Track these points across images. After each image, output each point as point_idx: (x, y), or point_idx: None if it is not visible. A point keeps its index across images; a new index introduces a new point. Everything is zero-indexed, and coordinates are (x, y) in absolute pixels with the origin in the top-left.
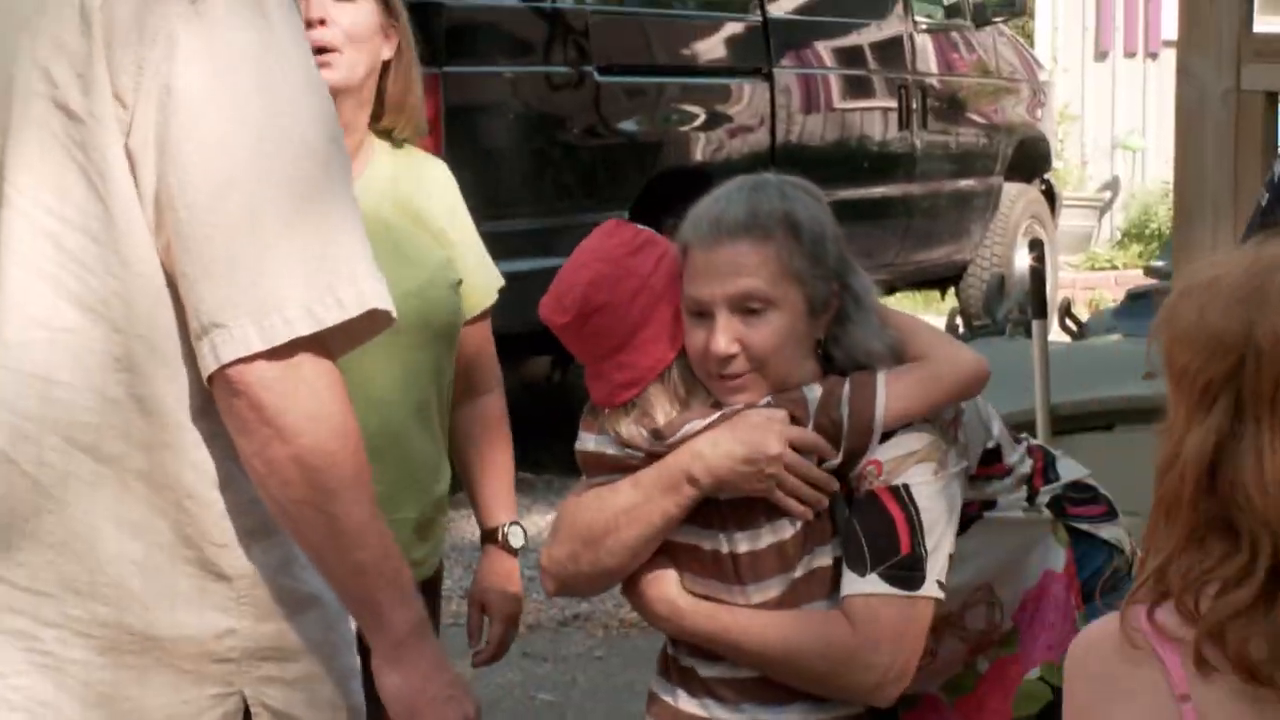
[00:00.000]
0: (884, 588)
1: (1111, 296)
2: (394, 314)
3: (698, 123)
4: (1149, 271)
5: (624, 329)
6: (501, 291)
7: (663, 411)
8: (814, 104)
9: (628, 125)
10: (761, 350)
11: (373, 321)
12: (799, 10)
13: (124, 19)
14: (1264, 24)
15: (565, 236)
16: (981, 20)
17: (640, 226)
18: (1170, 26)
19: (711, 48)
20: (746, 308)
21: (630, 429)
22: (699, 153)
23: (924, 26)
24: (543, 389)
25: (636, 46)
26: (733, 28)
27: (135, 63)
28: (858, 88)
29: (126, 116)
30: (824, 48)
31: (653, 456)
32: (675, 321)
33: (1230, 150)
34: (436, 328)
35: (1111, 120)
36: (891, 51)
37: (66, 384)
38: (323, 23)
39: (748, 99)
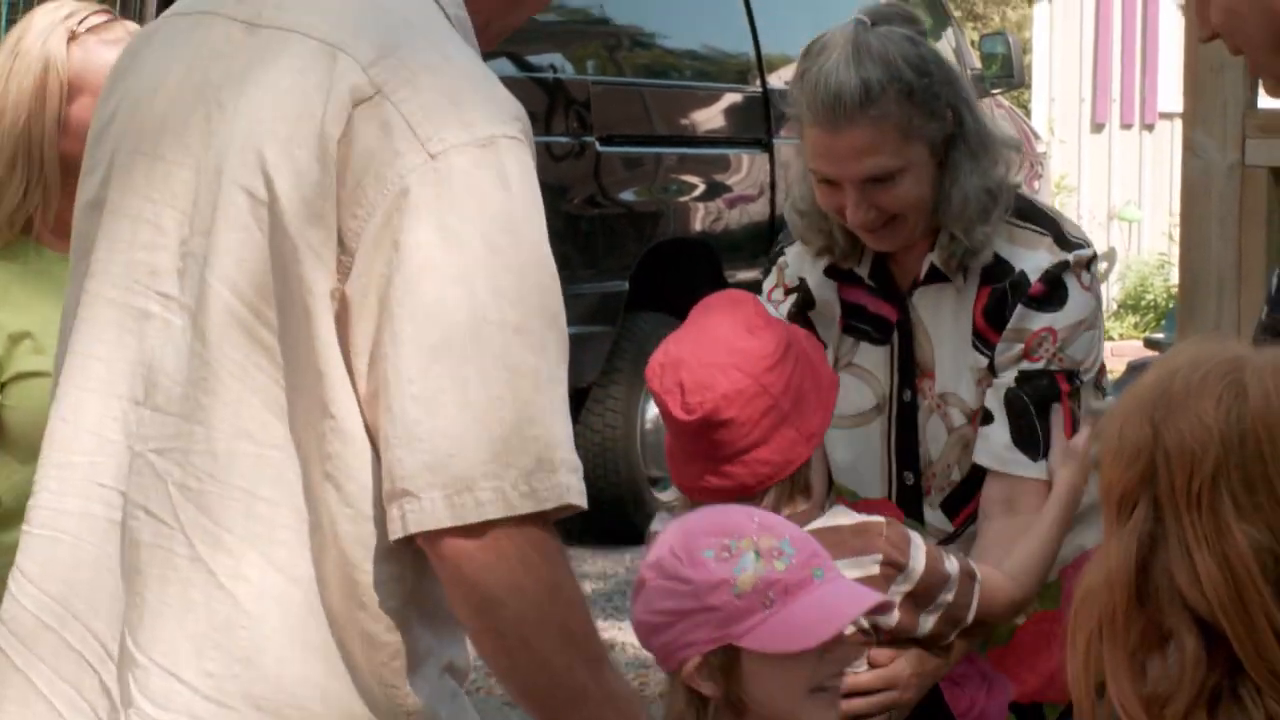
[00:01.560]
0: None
1: (1109, 367)
2: (585, 505)
3: (698, 193)
4: (1149, 343)
5: (741, 446)
6: None
7: None
8: None
9: (628, 195)
10: (899, 207)
11: (564, 511)
12: None
13: (361, 159)
14: (1268, 100)
15: (566, 306)
16: (980, 92)
17: (776, 318)
18: (1167, 98)
19: (712, 118)
20: (876, 179)
21: None
22: (699, 223)
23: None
24: None
25: (637, 117)
26: (733, 98)
27: (366, 208)
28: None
29: (349, 260)
30: None
31: None
32: (791, 447)
33: (1235, 225)
34: None
35: (1108, 191)
36: None
37: (269, 500)
38: None
39: (748, 169)
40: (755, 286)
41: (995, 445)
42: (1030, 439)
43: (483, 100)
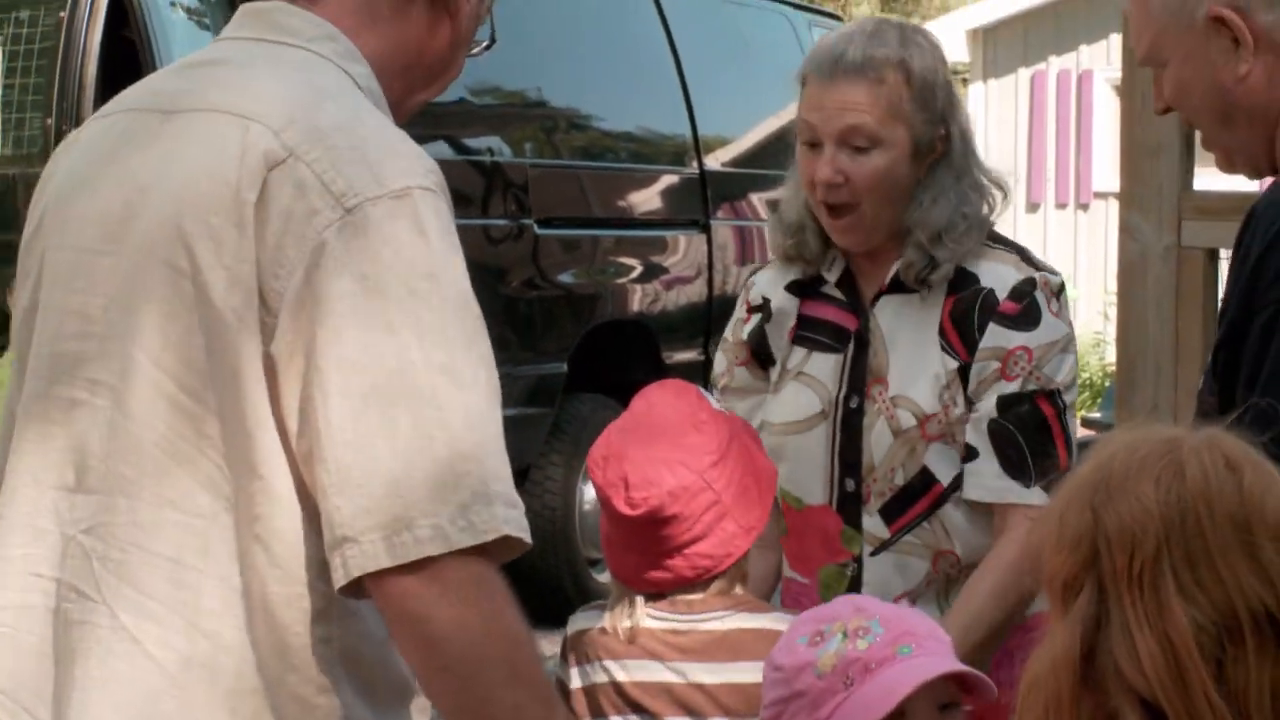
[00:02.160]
0: (1045, 501)
1: None
2: (529, 541)
3: (636, 274)
4: (1085, 422)
5: (682, 540)
6: None
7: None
8: (750, 255)
9: (566, 277)
10: (863, 184)
11: (505, 546)
12: (735, 163)
13: (278, 220)
14: (1204, 181)
15: (503, 389)
16: None
17: (720, 410)
18: (1102, 178)
19: (649, 200)
20: (854, 144)
21: (627, 618)
22: (637, 305)
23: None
24: None
25: (575, 199)
26: (670, 180)
27: (287, 268)
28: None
29: (273, 321)
30: (760, 199)
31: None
32: (731, 540)
33: (1171, 306)
34: None
35: None
36: None
37: (194, 569)
38: None
39: (685, 251)
40: (694, 368)
41: (985, 478)
42: (1020, 466)
43: (394, 154)
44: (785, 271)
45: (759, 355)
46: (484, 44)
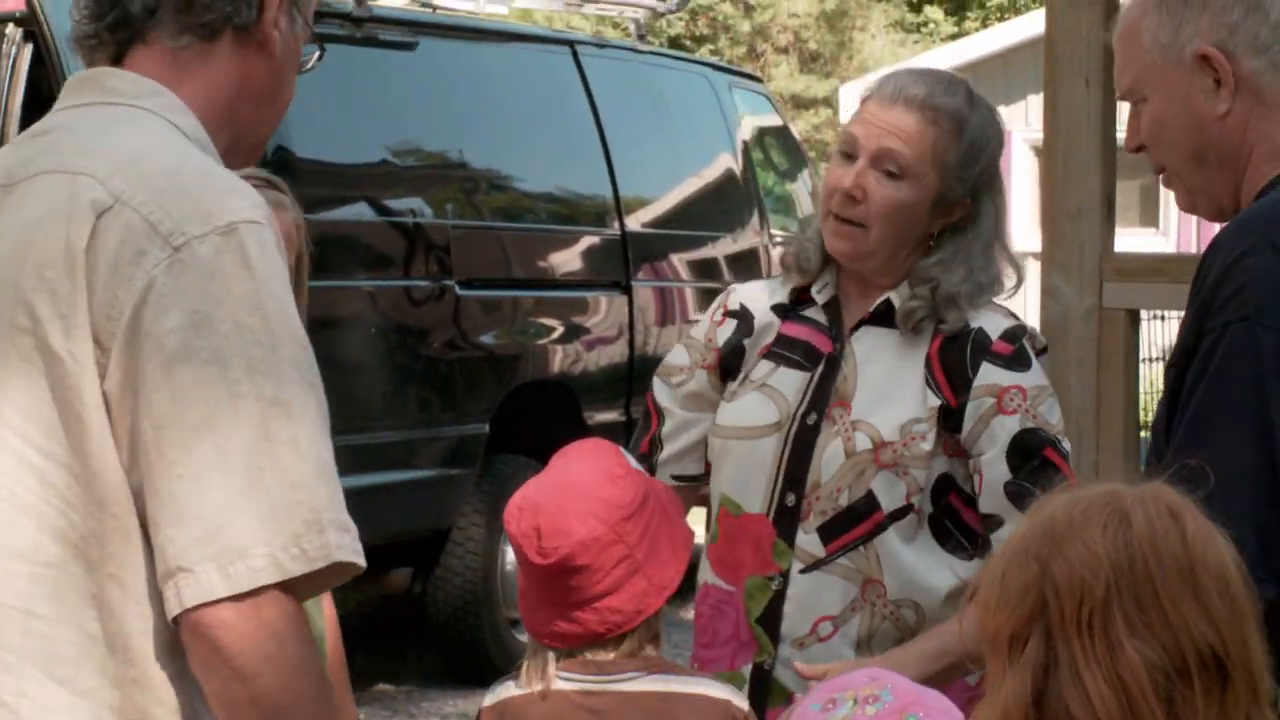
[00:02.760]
0: None
1: None
2: (362, 564)
3: (557, 335)
4: None
5: (593, 593)
6: (365, 503)
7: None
8: (670, 315)
9: (488, 338)
10: (879, 207)
11: (340, 570)
12: (657, 224)
13: (106, 263)
14: (1124, 244)
15: (425, 449)
16: None
17: (637, 468)
18: (1021, 238)
19: (571, 261)
20: (885, 168)
21: (539, 679)
22: (559, 365)
23: (779, 239)
24: (402, 601)
25: (497, 260)
26: (591, 241)
27: (117, 309)
28: (715, 299)
29: (105, 360)
30: (681, 260)
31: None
32: (642, 596)
33: (1093, 367)
34: None
35: None
36: (748, 263)
37: (46, 617)
38: None
39: (606, 311)
40: (615, 428)
41: None
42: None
43: (219, 192)
44: (771, 287)
45: (725, 365)
46: (315, 57)
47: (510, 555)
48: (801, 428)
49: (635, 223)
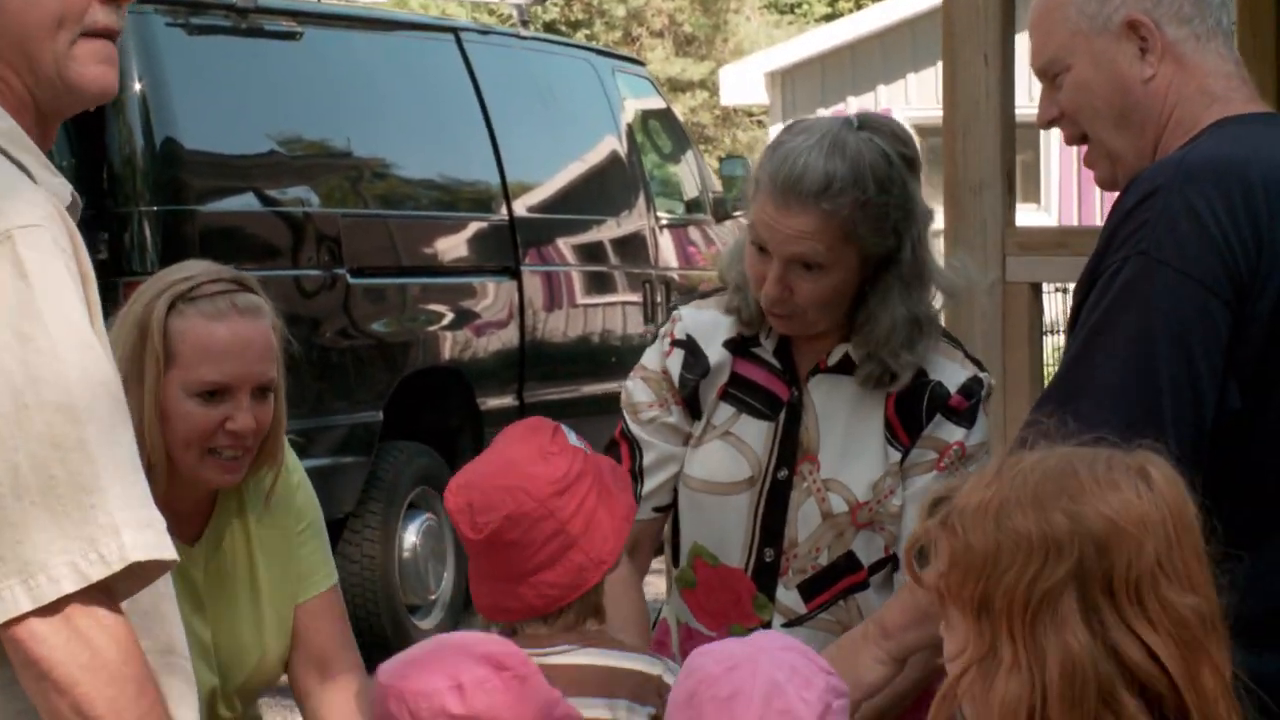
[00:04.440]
0: None
1: None
2: (167, 558)
3: (448, 321)
4: None
5: (527, 568)
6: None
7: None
8: (560, 300)
9: (380, 326)
10: (810, 300)
11: (147, 568)
12: (544, 209)
13: None
14: (1025, 218)
15: (319, 438)
16: (722, 215)
17: (575, 444)
18: None
19: (460, 247)
20: (804, 264)
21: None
22: (450, 351)
23: (665, 222)
24: None
25: (387, 248)
26: (480, 227)
27: None
28: (603, 283)
29: None
30: (569, 245)
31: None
32: (579, 572)
33: (998, 339)
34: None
35: None
36: (635, 246)
37: None
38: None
39: (495, 297)
40: (508, 413)
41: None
42: None
43: None
44: (719, 323)
45: (690, 404)
46: None
47: (407, 541)
48: (774, 483)
49: (523, 208)
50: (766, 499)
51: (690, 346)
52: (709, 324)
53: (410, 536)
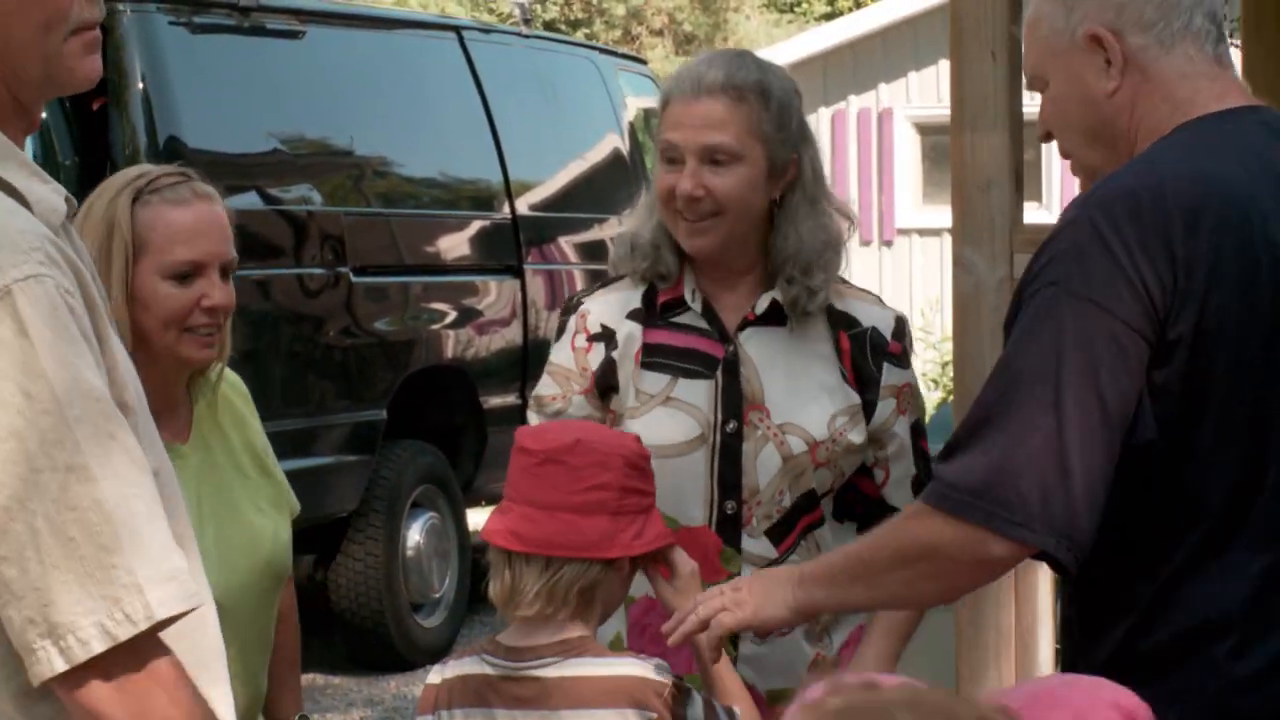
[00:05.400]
0: None
1: None
2: (192, 606)
3: (452, 320)
4: None
5: (562, 500)
6: None
7: (524, 602)
8: (563, 298)
9: (384, 325)
10: (724, 196)
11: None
12: (545, 207)
13: None
14: (1034, 215)
15: (323, 437)
16: None
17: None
18: (904, 215)
19: (462, 246)
20: (714, 159)
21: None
22: (453, 350)
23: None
24: (304, 589)
25: (390, 247)
26: (482, 225)
27: None
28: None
29: None
30: (571, 243)
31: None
32: (601, 536)
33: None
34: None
35: None
36: None
37: None
38: None
39: (499, 295)
40: (511, 411)
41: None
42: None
43: None
44: (622, 298)
45: (602, 385)
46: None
47: (411, 540)
48: (724, 437)
49: (525, 206)
50: (720, 453)
51: (607, 336)
52: (609, 304)
53: (414, 535)
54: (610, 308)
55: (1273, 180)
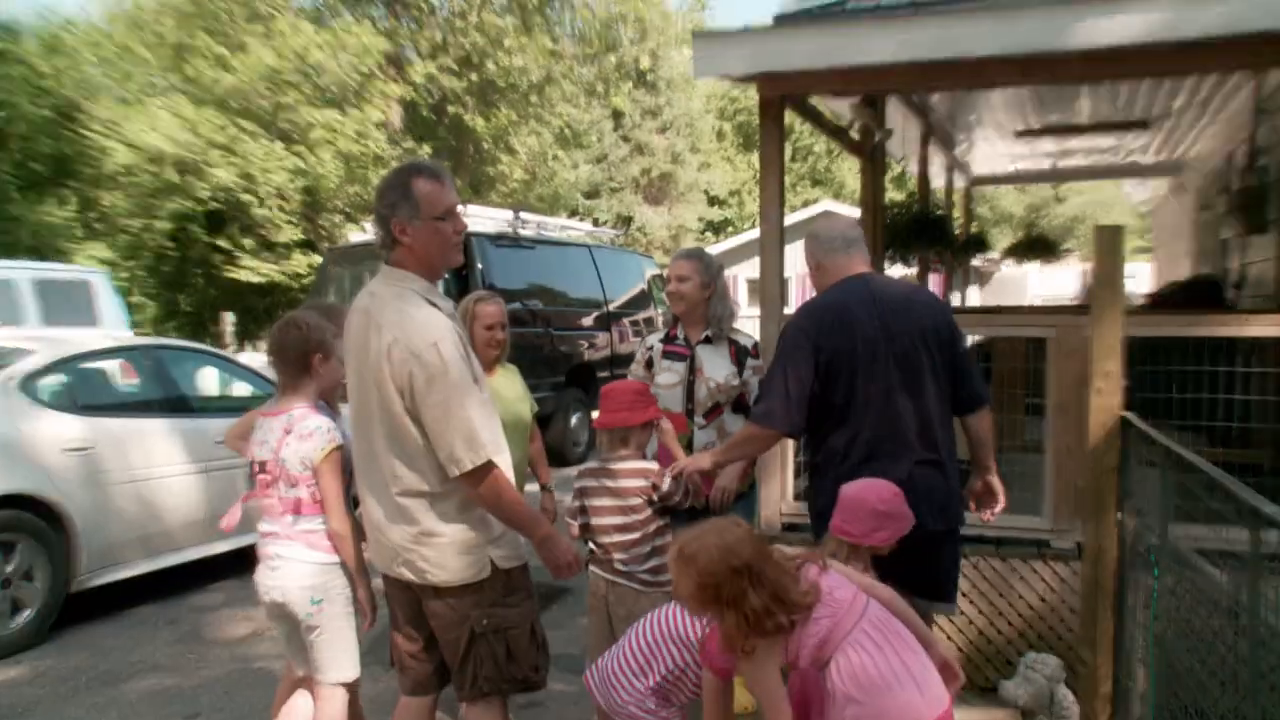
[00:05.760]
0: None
1: None
2: (496, 461)
3: (588, 345)
4: None
5: (619, 406)
6: None
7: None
8: (626, 340)
9: (563, 349)
10: (688, 294)
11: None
12: (618, 306)
13: (399, 360)
14: None
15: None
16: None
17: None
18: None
19: (589, 320)
20: (685, 281)
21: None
22: (590, 357)
23: (663, 313)
24: None
25: (568, 318)
26: (595, 314)
27: (403, 379)
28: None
29: (403, 380)
30: (623, 319)
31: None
32: (634, 436)
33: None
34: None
35: None
36: (642, 322)
37: (409, 455)
38: None
39: (601, 338)
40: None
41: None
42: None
43: (426, 327)
44: (657, 336)
45: (649, 364)
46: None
47: None
48: (689, 383)
49: (611, 307)
50: (686, 388)
51: (650, 348)
52: (655, 339)
53: None
54: (653, 340)
55: (862, 300)
